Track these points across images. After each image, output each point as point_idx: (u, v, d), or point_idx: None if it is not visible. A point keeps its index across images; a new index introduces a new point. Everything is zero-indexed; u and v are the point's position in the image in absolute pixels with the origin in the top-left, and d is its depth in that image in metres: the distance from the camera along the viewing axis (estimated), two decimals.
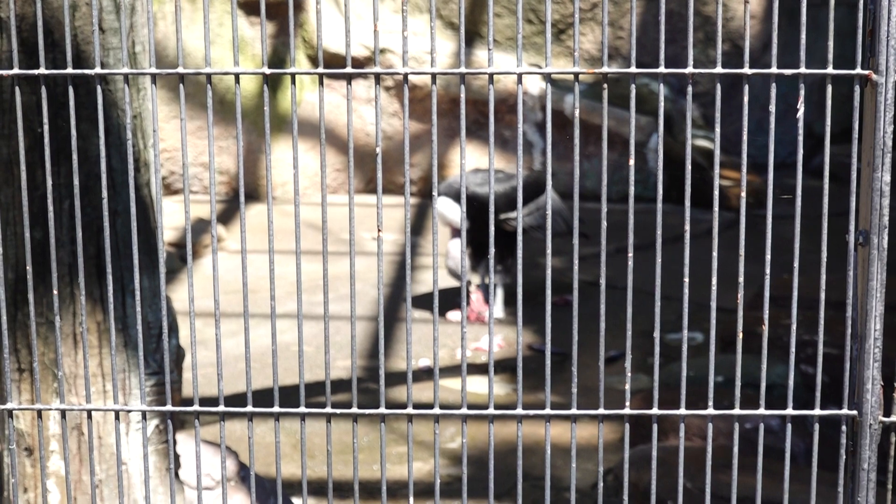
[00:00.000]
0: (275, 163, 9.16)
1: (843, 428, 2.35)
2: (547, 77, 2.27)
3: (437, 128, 9.81)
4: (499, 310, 7.10)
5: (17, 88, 2.34)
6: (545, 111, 2.27)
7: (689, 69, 2.25)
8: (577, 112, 2.26)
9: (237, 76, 2.28)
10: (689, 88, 2.28)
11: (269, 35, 9.03)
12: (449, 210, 6.90)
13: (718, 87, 2.28)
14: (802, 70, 2.27)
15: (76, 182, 2.37)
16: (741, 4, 8.95)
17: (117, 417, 2.50)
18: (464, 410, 2.41)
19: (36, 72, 2.34)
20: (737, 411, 2.40)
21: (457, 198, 6.83)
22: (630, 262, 2.38)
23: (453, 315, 7.03)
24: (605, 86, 2.28)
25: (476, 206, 6.71)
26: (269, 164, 2.31)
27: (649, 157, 8.92)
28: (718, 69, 2.26)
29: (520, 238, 2.34)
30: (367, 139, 9.19)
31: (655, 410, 2.42)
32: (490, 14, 2.23)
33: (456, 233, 7.01)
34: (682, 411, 2.41)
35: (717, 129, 2.30)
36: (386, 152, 9.11)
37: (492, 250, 2.35)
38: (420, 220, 8.73)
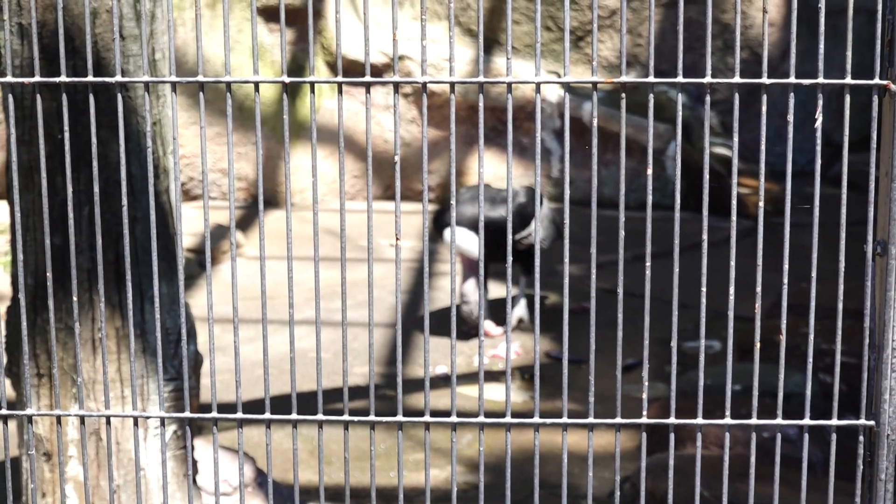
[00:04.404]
0: (293, 169, 9.18)
1: (861, 438, 2.34)
2: (565, 86, 2.28)
3: (456, 134, 9.77)
4: (522, 309, 7.05)
5: (38, 96, 2.36)
6: (563, 118, 2.28)
7: (707, 79, 2.26)
8: (594, 122, 2.27)
9: (257, 84, 2.29)
10: (707, 98, 2.28)
11: (288, 41, 9.05)
12: (462, 239, 6.71)
13: (737, 96, 2.28)
14: (820, 80, 2.27)
15: (96, 188, 2.38)
16: (760, 12, 8.94)
17: (136, 423, 2.51)
18: (481, 419, 2.41)
19: (57, 80, 2.35)
20: (754, 421, 2.40)
21: (469, 226, 6.67)
22: (648, 270, 2.38)
23: (491, 327, 6.98)
24: (624, 95, 2.28)
25: (490, 231, 6.47)
26: (288, 172, 2.32)
27: (667, 165, 8.91)
28: (736, 79, 2.26)
29: (537, 247, 2.34)
30: (385, 145, 9.20)
31: (672, 420, 2.42)
32: (508, 22, 2.23)
33: (469, 266, 6.82)
34: (699, 421, 2.41)
35: (735, 139, 2.30)
36: (404, 159, 9.12)
37: (510, 258, 2.36)
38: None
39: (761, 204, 2.34)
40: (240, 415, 2.44)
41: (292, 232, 2.39)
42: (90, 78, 2.34)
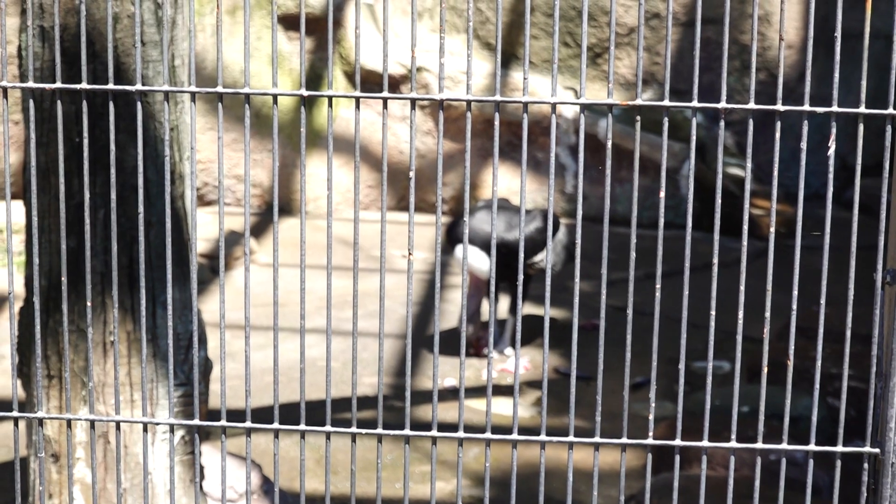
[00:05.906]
0: (308, 177, 9.19)
1: (865, 466, 2.35)
2: (581, 105, 2.29)
3: (471, 148, 9.76)
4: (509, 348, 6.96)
5: (58, 101, 2.38)
6: (578, 135, 2.29)
7: (722, 104, 2.27)
8: (609, 144, 2.28)
9: (275, 98, 2.31)
10: (722, 123, 2.29)
11: (306, 50, 9.07)
12: (473, 258, 6.58)
13: (751, 122, 2.29)
14: (835, 109, 2.28)
15: (113, 193, 2.40)
16: (778, 34, 8.93)
17: (145, 429, 2.52)
18: (488, 435, 2.42)
19: (78, 86, 2.37)
20: (759, 445, 2.41)
21: (482, 245, 6.58)
22: (658, 289, 2.39)
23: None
24: (638, 118, 2.29)
25: (503, 252, 6.28)
26: (303, 184, 2.34)
27: (682, 184, 8.90)
28: (751, 105, 2.27)
29: (548, 266, 2.35)
30: (400, 156, 9.22)
31: (678, 441, 2.43)
32: (527, 41, 2.25)
33: (476, 286, 6.74)
34: (705, 443, 2.41)
35: (748, 165, 2.31)
36: (419, 170, 9.13)
37: (520, 278, 2.37)
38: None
39: (772, 228, 2.35)
40: (248, 424, 2.45)
41: (306, 242, 2.40)
42: (111, 86, 2.36)
